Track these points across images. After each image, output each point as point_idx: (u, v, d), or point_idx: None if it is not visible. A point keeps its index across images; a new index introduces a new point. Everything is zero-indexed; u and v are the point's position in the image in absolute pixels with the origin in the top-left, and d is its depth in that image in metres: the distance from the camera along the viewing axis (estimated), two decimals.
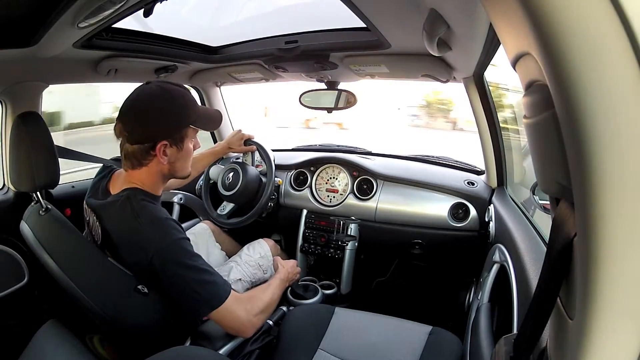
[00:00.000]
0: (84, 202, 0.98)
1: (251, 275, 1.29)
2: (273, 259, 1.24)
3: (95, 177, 1.03)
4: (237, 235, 1.62)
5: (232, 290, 0.87)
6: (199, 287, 0.82)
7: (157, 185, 0.92)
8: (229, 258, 1.41)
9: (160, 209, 0.89)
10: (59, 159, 1.05)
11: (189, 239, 0.87)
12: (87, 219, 0.97)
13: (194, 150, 0.94)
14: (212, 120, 0.94)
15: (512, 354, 0.40)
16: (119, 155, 0.92)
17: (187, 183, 1.45)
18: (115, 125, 0.86)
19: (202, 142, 0.98)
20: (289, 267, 1.18)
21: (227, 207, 1.55)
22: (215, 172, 1.58)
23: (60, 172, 1.06)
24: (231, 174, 1.53)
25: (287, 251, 1.71)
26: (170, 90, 0.86)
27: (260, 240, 1.44)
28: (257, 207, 1.47)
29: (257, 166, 1.76)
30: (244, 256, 1.34)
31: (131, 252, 0.84)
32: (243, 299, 0.91)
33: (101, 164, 1.07)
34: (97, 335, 1.02)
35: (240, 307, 0.87)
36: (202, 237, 1.45)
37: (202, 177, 1.63)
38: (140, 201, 0.86)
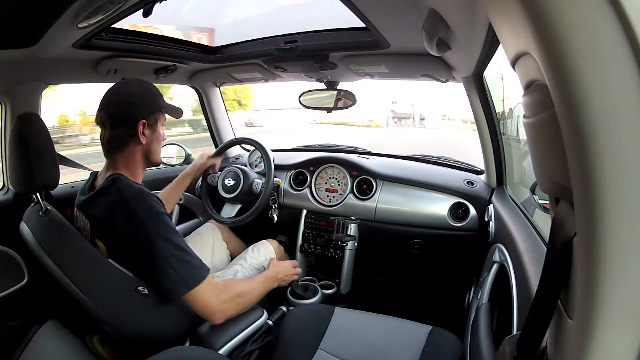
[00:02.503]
0: (75, 208, 1.01)
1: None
2: (275, 263, 1.24)
3: (85, 183, 1.06)
4: (243, 236, 1.62)
5: (208, 276, 0.90)
6: (176, 264, 0.85)
7: (137, 168, 0.99)
8: (234, 258, 1.42)
9: (144, 187, 0.94)
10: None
11: (170, 216, 0.92)
12: (80, 224, 0.99)
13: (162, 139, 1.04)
14: (176, 111, 1.06)
15: (516, 354, 0.40)
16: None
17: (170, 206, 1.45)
18: (97, 117, 0.94)
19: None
20: (281, 268, 1.18)
21: (234, 208, 1.55)
22: (213, 178, 1.59)
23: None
24: (231, 176, 1.53)
25: (288, 251, 1.71)
26: (145, 81, 1.00)
27: (265, 241, 1.44)
28: (256, 205, 1.47)
29: (255, 166, 1.77)
30: (249, 258, 1.34)
31: (117, 228, 0.87)
32: (218, 285, 0.94)
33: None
34: (97, 335, 1.02)
35: (212, 293, 0.90)
36: (208, 237, 1.46)
37: (201, 178, 1.63)
38: (125, 181, 0.92)
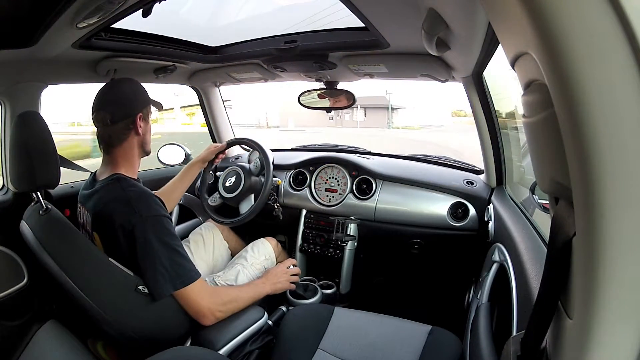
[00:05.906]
0: (78, 204, 1.02)
1: (257, 278, 1.29)
2: (269, 270, 1.25)
3: (87, 180, 1.08)
4: (243, 234, 1.61)
5: (199, 279, 0.93)
6: (168, 264, 0.88)
7: (135, 159, 1.04)
8: (234, 256, 1.41)
9: (147, 188, 0.98)
10: None
11: (170, 219, 0.95)
12: (81, 220, 1.01)
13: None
14: (159, 103, 1.14)
15: (519, 353, 0.41)
16: None
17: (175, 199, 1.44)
18: (96, 116, 0.98)
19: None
20: (273, 275, 1.18)
21: (216, 200, 1.56)
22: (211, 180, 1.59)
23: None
24: (233, 177, 1.53)
25: (287, 251, 1.70)
26: (133, 79, 1.06)
27: (263, 239, 1.44)
28: (255, 205, 1.47)
29: (255, 166, 1.76)
30: (249, 258, 1.34)
31: (115, 223, 0.88)
32: (209, 289, 0.99)
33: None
34: (100, 341, 1.03)
35: (204, 295, 0.93)
36: (208, 236, 1.47)
37: (200, 177, 1.63)
38: (128, 180, 0.96)
